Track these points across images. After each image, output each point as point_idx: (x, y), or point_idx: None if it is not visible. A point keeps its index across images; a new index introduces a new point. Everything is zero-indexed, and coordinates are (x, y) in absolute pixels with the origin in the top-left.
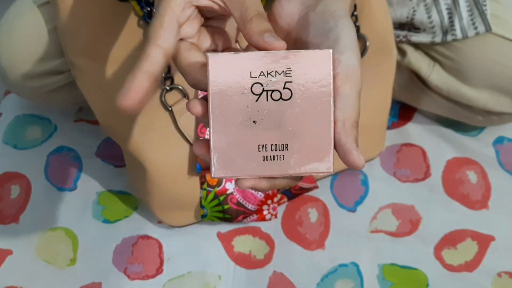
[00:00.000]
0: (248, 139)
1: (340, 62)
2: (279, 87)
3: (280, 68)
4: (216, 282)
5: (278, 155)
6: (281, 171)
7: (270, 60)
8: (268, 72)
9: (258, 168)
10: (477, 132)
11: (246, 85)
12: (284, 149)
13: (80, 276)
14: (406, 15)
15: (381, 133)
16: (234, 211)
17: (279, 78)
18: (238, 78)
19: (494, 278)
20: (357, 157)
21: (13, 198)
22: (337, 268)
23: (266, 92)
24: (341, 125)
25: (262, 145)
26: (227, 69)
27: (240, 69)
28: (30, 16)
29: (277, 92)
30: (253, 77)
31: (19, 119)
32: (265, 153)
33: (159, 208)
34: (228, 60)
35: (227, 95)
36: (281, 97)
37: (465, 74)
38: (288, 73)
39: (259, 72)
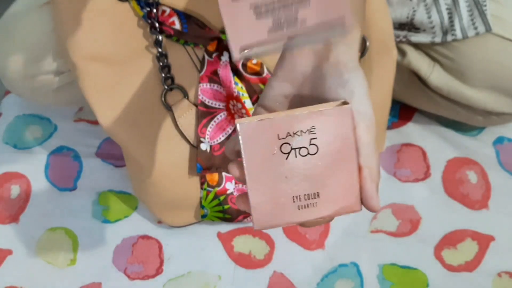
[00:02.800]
0: (282, 193)
1: (359, 113)
2: (306, 144)
3: (305, 127)
4: (216, 282)
5: (311, 203)
6: (315, 215)
7: (294, 121)
8: (294, 132)
9: (294, 216)
10: (477, 132)
11: (275, 146)
12: (316, 197)
13: (80, 276)
14: (406, 15)
15: (381, 133)
16: (234, 211)
17: (304, 136)
18: (267, 141)
19: (494, 278)
20: (377, 203)
21: (13, 198)
22: (337, 268)
23: (294, 150)
24: (367, 171)
25: (296, 196)
26: (256, 134)
27: (268, 133)
28: (30, 17)
29: (304, 149)
30: (281, 139)
31: (19, 119)
32: (299, 202)
33: (159, 208)
34: (256, 127)
35: (259, 157)
36: (308, 152)
37: (465, 74)
38: (312, 130)
39: (285, 134)
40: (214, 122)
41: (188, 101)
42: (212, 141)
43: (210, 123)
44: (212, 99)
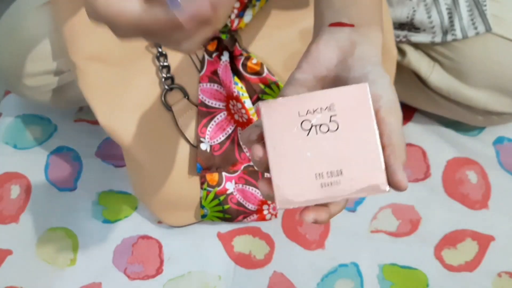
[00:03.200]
0: (305, 170)
1: (381, 97)
2: (326, 121)
3: (324, 105)
4: (216, 282)
5: (335, 181)
6: (339, 194)
7: (314, 99)
8: (314, 109)
9: (317, 194)
10: (477, 132)
11: (296, 123)
12: (340, 175)
13: (80, 276)
14: (406, 15)
15: None
16: (234, 211)
17: (324, 113)
18: (287, 119)
19: (494, 278)
20: (402, 178)
21: (13, 198)
22: (337, 268)
23: (315, 127)
24: (391, 148)
25: (319, 174)
26: (276, 113)
27: (288, 110)
28: (30, 17)
29: (324, 126)
30: (301, 116)
31: (19, 119)
32: (322, 180)
33: (159, 208)
34: (277, 106)
35: (280, 135)
36: (329, 129)
37: (465, 74)
38: (331, 107)
39: (305, 111)
40: (214, 122)
41: (188, 101)
42: (212, 141)
43: (210, 123)
44: (212, 99)
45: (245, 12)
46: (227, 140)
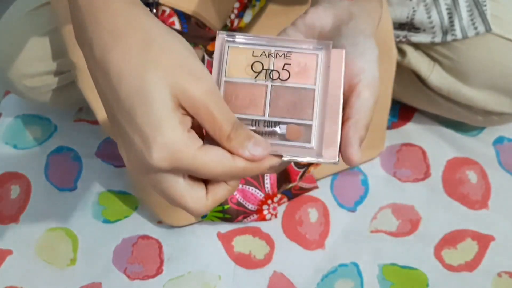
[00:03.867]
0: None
1: (364, 70)
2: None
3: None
4: (216, 282)
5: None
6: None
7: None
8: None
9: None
10: (477, 132)
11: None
12: (275, 127)
13: (80, 276)
14: (406, 15)
15: (381, 133)
16: (234, 211)
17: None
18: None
19: (494, 278)
20: (355, 152)
21: (13, 198)
22: (337, 268)
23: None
24: (353, 122)
25: (256, 120)
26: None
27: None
28: (30, 16)
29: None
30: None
31: (19, 119)
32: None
33: (159, 208)
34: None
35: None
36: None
37: (465, 74)
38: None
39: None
40: None
41: None
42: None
43: None
44: None
45: (245, 12)
46: None
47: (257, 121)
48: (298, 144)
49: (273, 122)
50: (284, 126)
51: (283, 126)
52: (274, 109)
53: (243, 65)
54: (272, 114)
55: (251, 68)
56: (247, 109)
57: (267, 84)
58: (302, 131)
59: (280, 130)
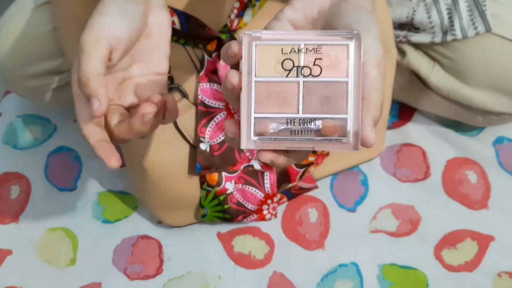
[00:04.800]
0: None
1: (370, 50)
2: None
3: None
4: (216, 282)
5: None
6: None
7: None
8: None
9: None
10: (477, 132)
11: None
12: (311, 124)
13: (80, 276)
14: (406, 15)
15: (381, 133)
16: (234, 211)
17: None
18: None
19: (494, 278)
20: (369, 133)
21: (13, 198)
22: (337, 268)
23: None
24: (365, 102)
25: (291, 119)
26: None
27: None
28: (30, 16)
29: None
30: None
31: (19, 119)
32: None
33: (159, 208)
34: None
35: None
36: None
37: (465, 74)
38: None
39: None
40: (213, 121)
41: (187, 101)
42: (211, 141)
43: (209, 123)
44: (212, 98)
45: (245, 12)
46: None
47: (291, 119)
48: (334, 139)
49: (308, 119)
50: (320, 122)
51: (319, 122)
52: (308, 105)
53: (273, 63)
54: (306, 111)
55: (281, 66)
56: (280, 107)
57: (299, 80)
58: (337, 126)
59: (316, 127)
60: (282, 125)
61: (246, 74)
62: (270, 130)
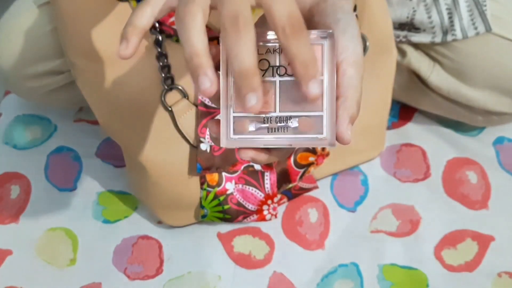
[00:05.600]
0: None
1: (348, 49)
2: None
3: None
4: (216, 282)
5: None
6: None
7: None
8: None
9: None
10: (477, 132)
11: None
12: (287, 121)
13: (80, 276)
14: (406, 15)
15: (381, 133)
16: (234, 211)
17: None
18: None
19: (494, 278)
20: (345, 130)
21: (13, 198)
22: (337, 268)
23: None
24: (343, 100)
25: (268, 117)
26: None
27: None
28: (30, 16)
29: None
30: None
31: (19, 119)
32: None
33: (159, 208)
34: None
35: None
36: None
37: (465, 74)
38: None
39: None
40: None
41: (188, 101)
42: (212, 141)
43: None
44: None
45: None
46: None
47: (269, 118)
48: (311, 136)
49: (284, 117)
50: (296, 119)
51: (295, 120)
52: (284, 104)
53: None
54: (282, 109)
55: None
56: None
57: (275, 80)
58: (313, 123)
59: (293, 124)
60: (259, 123)
61: (224, 75)
62: (248, 129)
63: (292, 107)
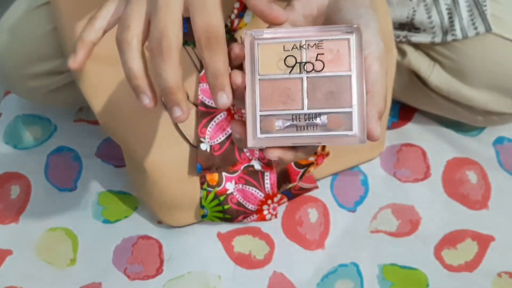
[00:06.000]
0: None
1: (371, 44)
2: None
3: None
4: (216, 282)
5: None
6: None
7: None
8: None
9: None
10: (477, 132)
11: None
12: (316, 119)
13: (80, 276)
14: (406, 15)
15: (381, 133)
16: (234, 211)
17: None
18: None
19: (494, 278)
20: (375, 126)
21: (13, 198)
22: (337, 268)
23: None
24: (370, 95)
25: (296, 115)
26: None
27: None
28: (30, 16)
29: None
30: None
31: (19, 119)
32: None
33: (159, 208)
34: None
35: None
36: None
37: (465, 74)
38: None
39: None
40: (214, 122)
41: (188, 101)
42: (212, 141)
43: (210, 123)
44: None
45: (245, 12)
46: (227, 140)
47: (297, 115)
48: (340, 133)
49: (313, 114)
50: (325, 116)
51: (324, 117)
52: (312, 101)
53: (275, 61)
54: (311, 106)
55: (284, 63)
56: (285, 104)
57: (302, 76)
58: (342, 119)
59: (321, 121)
60: (287, 121)
61: (249, 73)
62: (276, 127)
63: (320, 103)
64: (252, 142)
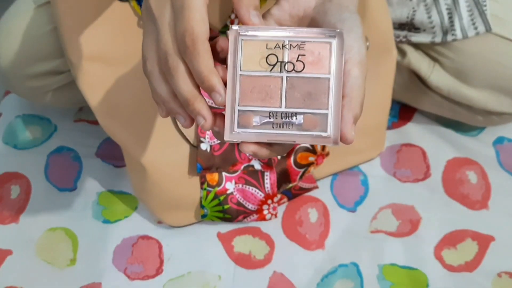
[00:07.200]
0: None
1: (353, 48)
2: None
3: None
4: (216, 282)
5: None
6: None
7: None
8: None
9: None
10: (477, 132)
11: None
12: (292, 118)
13: (80, 276)
14: (406, 15)
15: (381, 133)
16: (234, 211)
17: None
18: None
19: (494, 278)
20: (349, 130)
21: (13, 198)
22: (337, 268)
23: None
24: (347, 100)
25: (273, 113)
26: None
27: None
28: (30, 16)
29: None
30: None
31: (19, 119)
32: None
33: (159, 208)
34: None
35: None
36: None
37: (465, 74)
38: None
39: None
40: None
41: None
42: (212, 141)
43: None
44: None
45: None
46: None
47: (274, 113)
48: (315, 134)
49: (290, 113)
50: (301, 116)
51: (300, 117)
52: (290, 100)
53: (258, 58)
54: (288, 105)
55: (266, 61)
56: (264, 101)
57: (282, 75)
58: (318, 120)
59: (297, 121)
60: (265, 118)
61: (231, 67)
62: (253, 123)
63: (298, 103)
64: (229, 136)
